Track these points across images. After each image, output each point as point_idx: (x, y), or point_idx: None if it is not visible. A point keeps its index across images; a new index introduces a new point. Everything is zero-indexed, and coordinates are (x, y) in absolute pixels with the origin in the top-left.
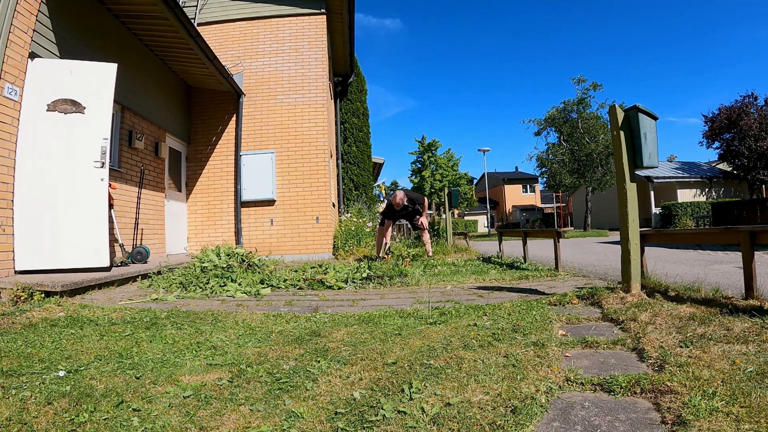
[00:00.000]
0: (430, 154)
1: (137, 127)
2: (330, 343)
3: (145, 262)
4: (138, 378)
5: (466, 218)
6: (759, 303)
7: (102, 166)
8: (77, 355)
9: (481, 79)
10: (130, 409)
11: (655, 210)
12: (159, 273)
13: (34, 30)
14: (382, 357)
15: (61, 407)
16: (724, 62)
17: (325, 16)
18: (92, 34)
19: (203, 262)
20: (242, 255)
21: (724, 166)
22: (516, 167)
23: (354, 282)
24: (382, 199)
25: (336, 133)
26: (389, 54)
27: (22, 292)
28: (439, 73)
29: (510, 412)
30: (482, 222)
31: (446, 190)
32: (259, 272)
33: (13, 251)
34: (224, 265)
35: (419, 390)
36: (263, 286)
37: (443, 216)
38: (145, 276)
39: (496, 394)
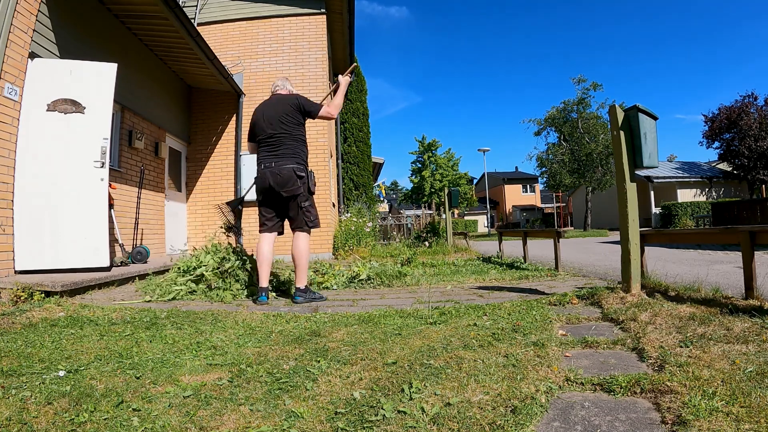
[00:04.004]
0: (430, 154)
1: (137, 127)
2: (330, 343)
3: (145, 262)
4: (138, 378)
5: (466, 218)
6: (759, 303)
7: (102, 166)
8: (77, 355)
9: (486, 76)
10: (130, 409)
11: (655, 210)
12: (159, 273)
13: (34, 30)
14: (382, 357)
15: (61, 407)
16: (735, 59)
17: (324, 16)
18: (92, 34)
19: (197, 267)
20: (241, 255)
21: (724, 166)
22: (516, 167)
23: (354, 282)
24: (381, 198)
25: (336, 133)
26: (394, 45)
27: (22, 292)
28: (444, 69)
29: (510, 412)
30: (482, 222)
31: (446, 190)
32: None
33: (13, 251)
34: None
35: (419, 390)
36: None
37: (443, 216)
38: (144, 276)
39: (496, 394)
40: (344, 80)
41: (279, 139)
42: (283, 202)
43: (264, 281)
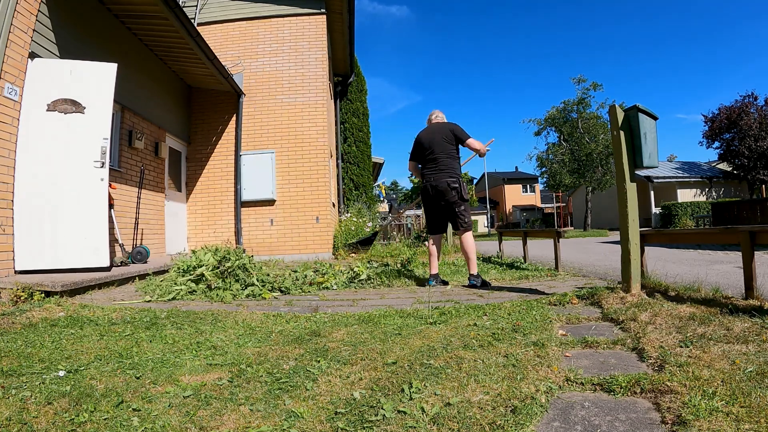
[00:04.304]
0: None
1: (137, 127)
2: (330, 343)
3: (145, 262)
4: (138, 378)
5: None
6: (759, 303)
7: (102, 166)
8: (77, 355)
9: (486, 76)
10: (130, 409)
11: (655, 210)
12: (159, 273)
13: (34, 30)
14: (382, 357)
15: (61, 407)
16: (735, 59)
17: (324, 16)
18: (92, 34)
19: (197, 267)
20: (238, 256)
21: (724, 166)
22: (516, 167)
23: (354, 282)
24: (381, 198)
25: (336, 133)
26: (395, 45)
27: (22, 292)
28: (445, 69)
29: (510, 411)
30: (482, 222)
31: None
32: (255, 275)
33: (13, 251)
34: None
35: (419, 390)
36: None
37: None
38: (144, 276)
39: (496, 394)
40: (484, 148)
41: (437, 158)
42: (442, 209)
43: (434, 269)
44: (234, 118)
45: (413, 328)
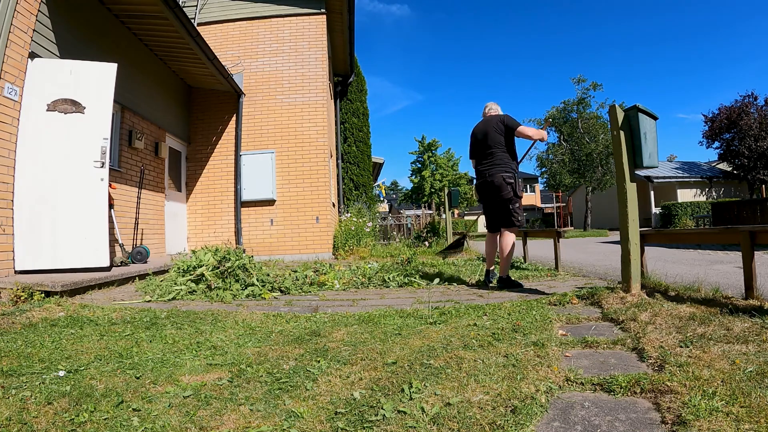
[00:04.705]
0: (430, 154)
1: (137, 126)
2: (330, 343)
3: (145, 262)
4: (138, 378)
5: (466, 218)
6: (759, 303)
7: (102, 166)
8: (77, 355)
9: (487, 76)
10: (130, 409)
11: (655, 210)
12: (159, 273)
13: (34, 30)
14: (382, 357)
15: (61, 407)
16: (736, 59)
17: (324, 16)
18: (92, 34)
19: (197, 267)
20: (238, 256)
21: (724, 166)
22: None
23: (354, 282)
24: (381, 198)
25: (336, 133)
26: (396, 44)
27: (22, 292)
28: (446, 68)
29: (510, 411)
30: (482, 222)
31: (446, 190)
32: (255, 275)
33: (13, 251)
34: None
35: (419, 390)
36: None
37: (443, 216)
38: (144, 276)
39: (496, 394)
40: (540, 133)
41: (492, 152)
42: (496, 205)
43: (490, 265)
44: (234, 118)
45: (413, 328)
